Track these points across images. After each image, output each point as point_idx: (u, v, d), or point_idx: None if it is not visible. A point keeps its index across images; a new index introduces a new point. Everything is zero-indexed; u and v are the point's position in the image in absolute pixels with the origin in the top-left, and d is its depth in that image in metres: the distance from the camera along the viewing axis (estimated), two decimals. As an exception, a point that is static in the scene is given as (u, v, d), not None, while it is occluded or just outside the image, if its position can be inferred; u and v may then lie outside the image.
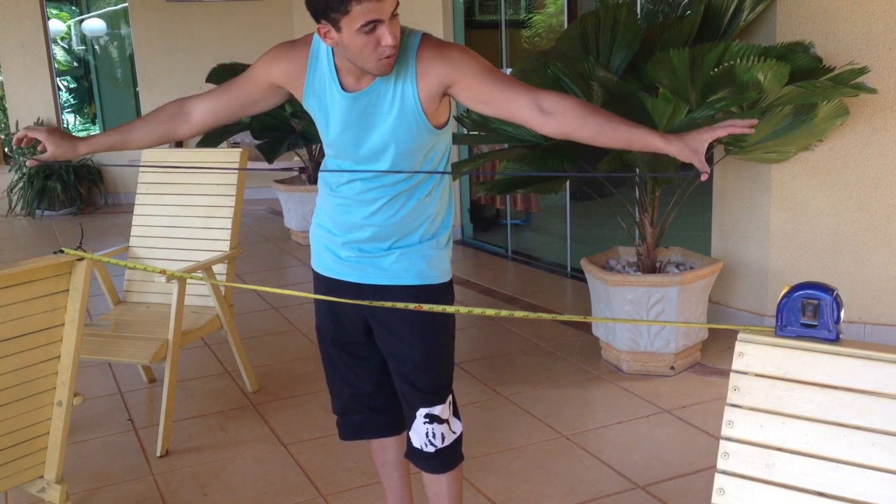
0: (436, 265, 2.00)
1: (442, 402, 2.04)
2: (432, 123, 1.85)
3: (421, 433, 2.05)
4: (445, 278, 2.03)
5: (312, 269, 2.14)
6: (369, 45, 1.70)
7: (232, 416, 3.44)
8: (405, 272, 1.96)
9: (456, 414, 2.11)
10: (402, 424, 2.20)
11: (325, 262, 2.07)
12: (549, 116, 1.76)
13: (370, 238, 1.95)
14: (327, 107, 1.88)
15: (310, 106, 1.93)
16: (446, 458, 2.08)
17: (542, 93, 1.78)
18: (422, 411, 2.03)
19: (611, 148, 1.78)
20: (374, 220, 1.94)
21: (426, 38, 1.83)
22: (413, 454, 2.11)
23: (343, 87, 1.85)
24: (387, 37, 1.69)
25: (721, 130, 1.71)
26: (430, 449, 2.05)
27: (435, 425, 2.04)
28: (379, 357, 2.10)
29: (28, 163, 2.05)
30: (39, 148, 2.00)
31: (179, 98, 2.05)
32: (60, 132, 2.01)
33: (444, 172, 1.97)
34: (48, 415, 2.22)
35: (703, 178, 1.71)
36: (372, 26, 1.67)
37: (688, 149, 1.69)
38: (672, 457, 2.94)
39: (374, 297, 1.95)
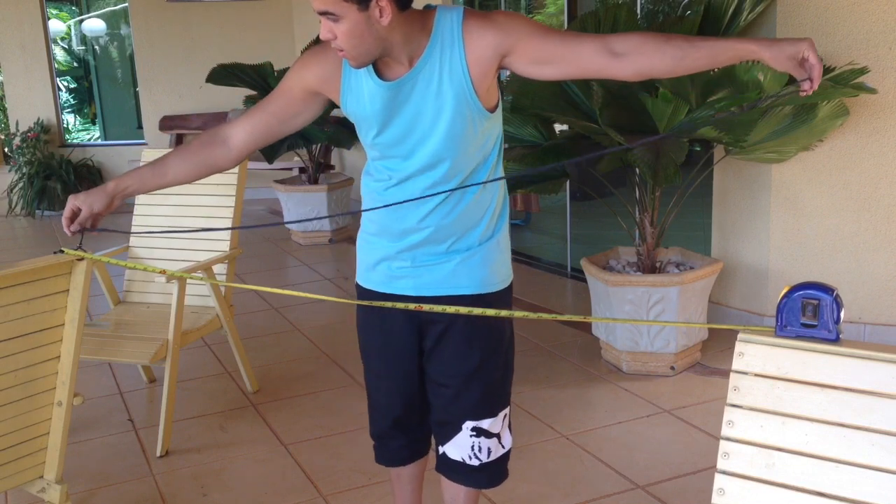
0: (497, 269, 1.87)
1: (492, 415, 1.92)
2: (483, 104, 1.70)
3: (465, 446, 1.92)
4: (507, 282, 1.92)
5: (358, 285, 1.97)
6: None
7: (232, 416, 3.44)
8: (467, 281, 1.83)
9: (509, 428, 2.00)
10: (429, 446, 2.12)
11: (375, 277, 1.91)
12: (624, 57, 1.60)
13: (426, 241, 1.80)
14: (366, 103, 1.73)
15: (348, 106, 1.78)
16: (491, 473, 1.96)
17: (609, 36, 1.63)
18: (468, 424, 1.90)
19: (692, 73, 1.64)
20: (429, 220, 1.79)
21: (468, 10, 1.69)
22: (448, 467, 1.98)
23: (382, 77, 1.71)
24: (321, 30, 1.62)
25: (814, 56, 1.54)
26: (475, 462, 1.93)
27: (482, 439, 1.91)
28: (421, 376, 1.97)
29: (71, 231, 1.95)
30: (81, 217, 1.92)
31: (209, 130, 1.94)
32: (84, 191, 1.92)
33: (493, 179, 1.82)
34: (48, 415, 2.22)
35: (808, 90, 1.55)
36: (320, 17, 1.61)
37: (783, 54, 1.54)
38: (672, 457, 2.94)
39: (434, 311, 1.82)
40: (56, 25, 10.96)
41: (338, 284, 5.44)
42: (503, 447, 1.96)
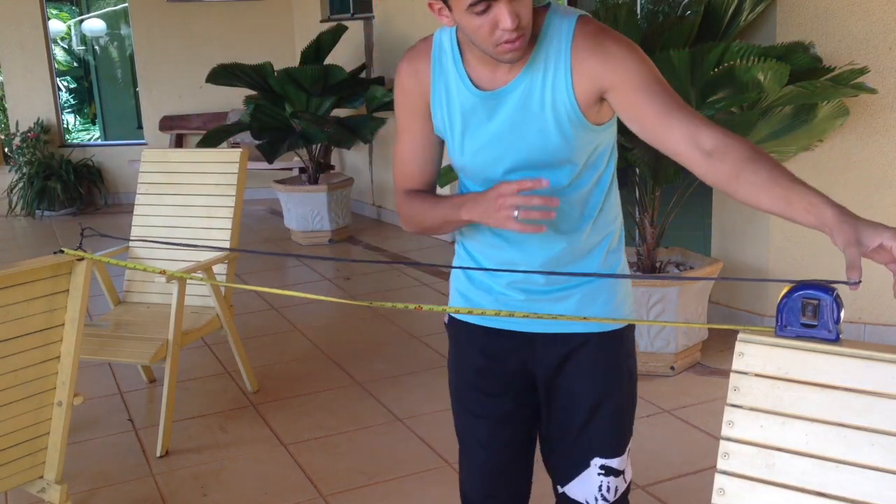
0: (622, 301, 1.69)
1: (621, 453, 1.73)
2: (592, 121, 1.51)
3: (593, 485, 1.72)
4: (632, 314, 1.74)
5: (453, 319, 1.76)
6: (484, 28, 1.39)
7: (232, 416, 3.44)
8: (592, 316, 1.65)
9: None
10: None
11: (480, 306, 1.71)
12: (709, 159, 1.39)
13: (539, 271, 1.62)
14: (458, 115, 1.55)
15: (437, 120, 1.59)
16: None
17: (702, 125, 1.40)
18: (597, 461, 1.71)
19: (759, 208, 1.39)
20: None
21: (583, 22, 1.48)
22: None
23: (476, 85, 1.52)
24: (505, 19, 1.37)
25: None
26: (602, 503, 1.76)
27: (611, 478, 1.73)
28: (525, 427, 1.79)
29: None
30: None
31: (398, 192, 1.76)
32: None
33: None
34: (48, 415, 2.22)
35: (853, 287, 1.22)
36: (485, 6, 1.37)
37: (854, 234, 1.22)
38: (672, 457, 2.94)
39: (547, 348, 1.67)
40: (56, 25, 10.96)
41: (338, 284, 5.44)
42: (625, 482, 1.77)
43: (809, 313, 1.24)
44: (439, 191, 1.73)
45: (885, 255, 1.22)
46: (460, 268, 1.71)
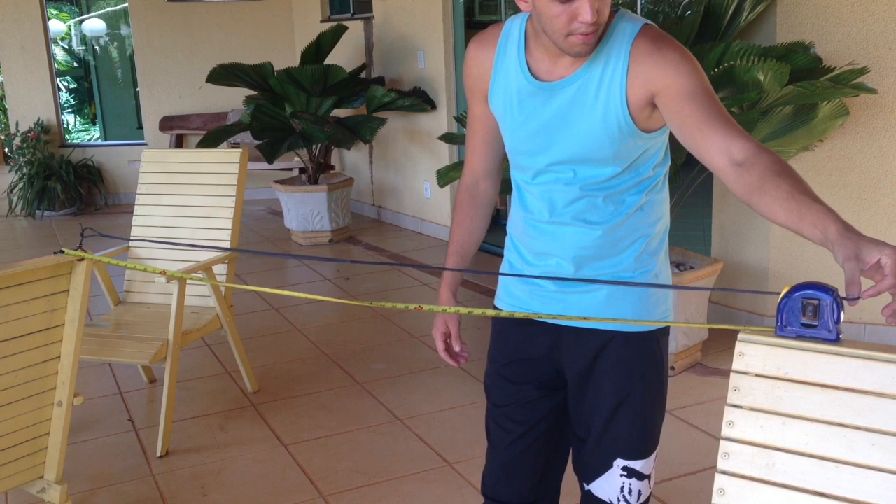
0: (654, 303, 1.68)
1: (646, 456, 1.74)
2: (641, 127, 1.53)
3: (615, 486, 1.73)
4: (666, 318, 1.71)
5: (496, 309, 1.81)
6: (562, 18, 1.42)
7: (232, 416, 3.44)
8: (616, 316, 1.65)
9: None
10: None
11: (516, 298, 1.76)
12: (738, 170, 1.41)
13: (569, 263, 1.65)
14: (514, 101, 1.59)
15: (494, 104, 1.64)
16: None
17: (737, 137, 1.43)
18: (619, 462, 1.71)
19: (775, 222, 1.44)
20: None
21: (646, 29, 1.51)
22: None
23: (534, 74, 1.56)
24: (586, 12, 1.39)
25: (892, 265, 1.23)
26: None
27: (634, 480, 1.73)
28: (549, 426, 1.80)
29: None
30: (454, 336, 1.86)
31: (461, 186, 1.84)
32: (435, 325, 1.87)
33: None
34: (48, 415, 2.22)
35: (852, 304, 1.25)
36: None
37: (854, 249, 1.25)
38: (672, 457, 2.94)
39: (573, 343, 1.69)
40: (56, 25, 10.96)
41: (338, 284, 5.44)
42: (650, 487, 1.78)
43: (809, 313, 1.24)
44: (439, 191, 1.75)
45: (880, 273, 1.23)
46: (455, 270, 1.75)
